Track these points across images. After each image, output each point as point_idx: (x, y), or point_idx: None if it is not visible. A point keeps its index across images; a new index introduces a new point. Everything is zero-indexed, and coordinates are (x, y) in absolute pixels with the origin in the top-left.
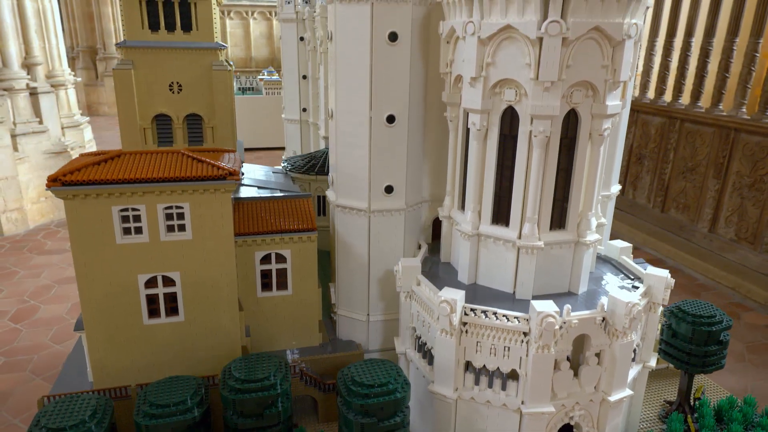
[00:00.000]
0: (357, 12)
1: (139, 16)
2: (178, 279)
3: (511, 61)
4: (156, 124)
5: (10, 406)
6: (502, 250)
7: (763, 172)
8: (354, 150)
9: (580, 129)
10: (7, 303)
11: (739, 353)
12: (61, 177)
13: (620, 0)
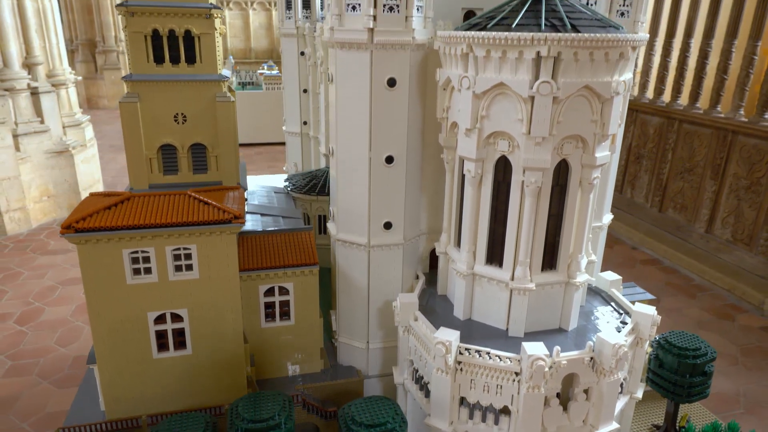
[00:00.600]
0: (357, 58)
1: (144, 51)
2: (186, 315)
3: (504, 115)
4: (161, 154)
5: (18, 410)
6: (496, 289)
7: (760, 174)
8: (354, 187)
9: (570, 177)
10: (12, 305)
11: (732, 356)
12: (74, 224)
13: (609, 60)
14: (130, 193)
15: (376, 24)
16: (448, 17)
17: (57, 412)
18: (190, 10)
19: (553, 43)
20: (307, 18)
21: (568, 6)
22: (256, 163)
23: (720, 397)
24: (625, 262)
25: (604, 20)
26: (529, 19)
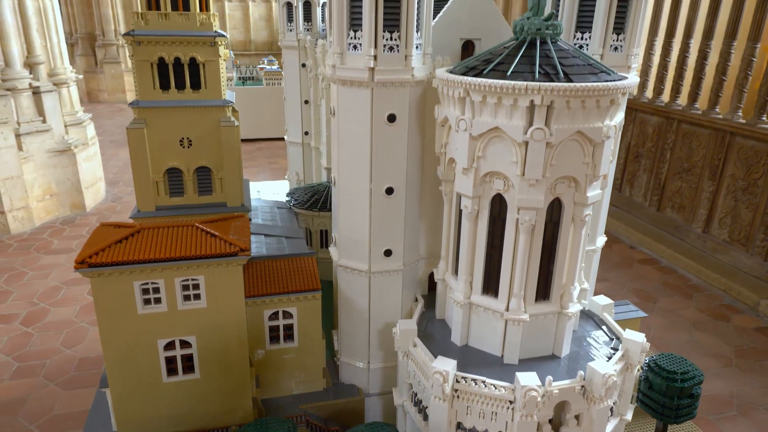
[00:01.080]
0: (358, 95)
1: (150, 78)
2: (194, 342)
3: (499, 156)
4: (168, 177)
5: (25, 412)
6: (491, 318)
7: (757, 176)
8: (355, 216)
9: (563, 214)
10: (18, 306)
11: (726, 357)
12: (87, 259)
13: (600, 107)
14: (139, 225)
15: (376, 63)
16: (447, 48)
17: (64, 414)
18: (195, 38)
19: (546, 92)
20: (308, 30)
21: (562, 51)
22: (256, 159)
23: (713, 399)
24: (623, 261)
25: (596, 65)
26: (524, 66)
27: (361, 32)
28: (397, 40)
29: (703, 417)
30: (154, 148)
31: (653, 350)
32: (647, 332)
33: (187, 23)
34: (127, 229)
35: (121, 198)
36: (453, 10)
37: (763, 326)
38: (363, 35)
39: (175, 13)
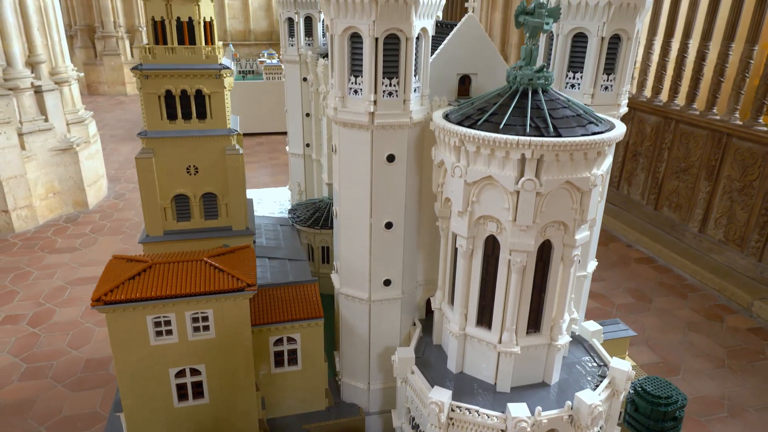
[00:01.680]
0: (358, 136)
1: (158, 109)
2: (204, 370)
3: (492, 202)
4: (175, 203)
5: (35, 414)
6: (485, 349)
7: (753, 177)
8: (356, 248)
9: (553, 254)
10: (24, 306)
11: (719, 358)
12: (103, 297)
13: (587, 159)
14: (151, 260)
15: (376, 108)
16: (444, 83)
17: (72, 415)
18: (201, 71)
19: (536, 147)
20: (309, 45)
21: (552, 101)
22: (257, 154)
23: (705, 401)
24: (620, 260)
25: (584, 116)
26: (516, 118)
27: (361, 78)
28: (395, 85)
29: (693, 418)
30: (162, 175)
31: (651, 350)
32: (642, 333)
33: (193, 57)
34: (139, 264)
35: (123, 195)
36: (450, 48)
37: (755, 327)
38: (363, 81)
39: (181, 47)
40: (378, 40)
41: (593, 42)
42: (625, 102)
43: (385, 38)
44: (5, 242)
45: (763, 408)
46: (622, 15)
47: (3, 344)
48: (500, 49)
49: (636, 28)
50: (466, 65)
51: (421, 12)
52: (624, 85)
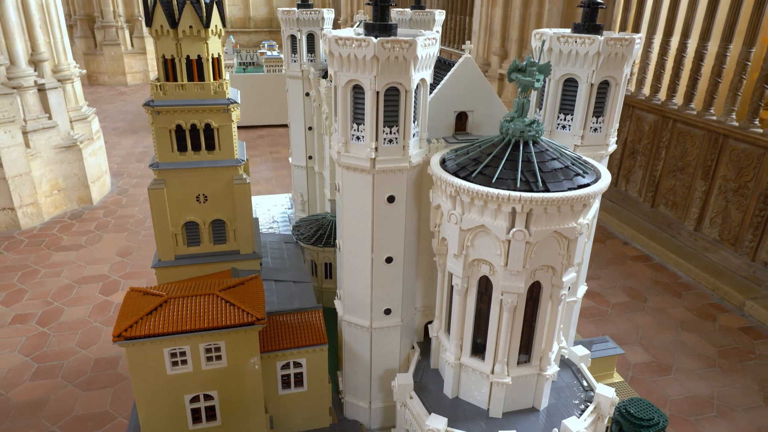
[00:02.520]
0: (361, 179)
1: (169, 143)
2: (216, 395)
3: (486, 247)
4: (186, 229)
5: (48, 413)
6: (479, 377)
7: (748, 178)
8: (358, 280)
9: (542, 294)
10: (33, 305)
11: (710, 358)
12: (123, 333)
13: (573, 210)
14: (166, 293)
15: (377, 154)
16: (442, 120)
17: (84, 415)
18: (210, 107)
19: (526, 202)
20: (312, 61)
21: (541, 153)
22: (258, 148)
23: (694, 400)
24: (617, 258)
25: (572, 167)
26: (508, 171)
27: (363, 126)
28: (396, 133)
29: (683, 418)
30: (173, 204)
31: (644, 350)
32: (636, 332)
33: (202, 92)
34: (155, 298)
35: (127, 190)
36: (447, 88)
37: (747, 326)
38: (365, 129)
39: (191, 84)
40: (379, 93)
41: (583, 88)
42: (614, 140)
43: (385, 91)
44: (12, 239)
45: (751, 408)
46: (610, 64)
47: (14, 344)
48: (500, 45)
49: (624, 74)
50: (462, 103)
51: (420, 66)
52: (612, 126)
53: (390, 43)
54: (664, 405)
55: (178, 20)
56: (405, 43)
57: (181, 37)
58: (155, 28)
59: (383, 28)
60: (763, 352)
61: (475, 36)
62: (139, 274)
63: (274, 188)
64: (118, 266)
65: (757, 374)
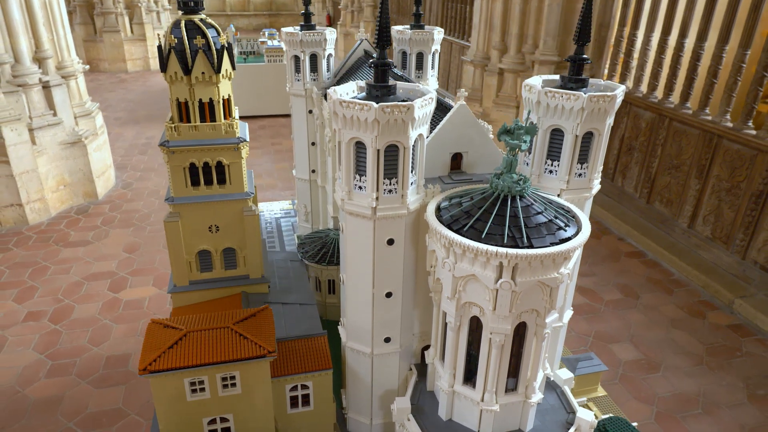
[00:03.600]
0: (363, 224)
1: (183, 179)
2: (231, 418)
3: (476, 293)
4: (199, 257)
5: (63, 410)
6: (470, 403)
7: (740, 178)
8: (360, 312)
9: (527, 332)
10: (45, 302)
11: (698, 355)
12: (149, 367)
13: (555, 263)
14: (184, 327)
15: (378, 203)
16: (438, 160)
17: (98, 412)
18: (221, 146)
19: (511, 258)
20: (315, 80)
21: (527, 207)
22: (260, 139)
23: (681, 398)
24: (611, 254)
25: (555, 221)
26: (497, 227)
27: (365, 177)
28: (395, 184)
29: (670, 415)
30: (187, 235)
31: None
32: (628, 330)
33: (214, 132)
34: (175, 332)
35: (131, 184)
36: (443, 131)
37: (735, 323)
38: (366, 181)
39: (203, 125)
40: (380, 150)
41: (569, 138)
42: (597, 182)
43: (385, 148)
44: (21, 235)
45: (736, 405)
46: (594, 117)
47: (28, 341)
48: (500, 40)
49: (607, 125)
50: (457, 145)
51: (417, 124)
52: (596, 171)
53: (390, 108)
54: (652, 402)
55: (191, 67)
56: (403, 107)
57: (194, 82)
58: (170, 74)
59: (384, 89)
60: (749, 349)
61: (476, 29)
62: (145, 271)
63: (276, 182)
64: (126, 263)
65: (742, 372)
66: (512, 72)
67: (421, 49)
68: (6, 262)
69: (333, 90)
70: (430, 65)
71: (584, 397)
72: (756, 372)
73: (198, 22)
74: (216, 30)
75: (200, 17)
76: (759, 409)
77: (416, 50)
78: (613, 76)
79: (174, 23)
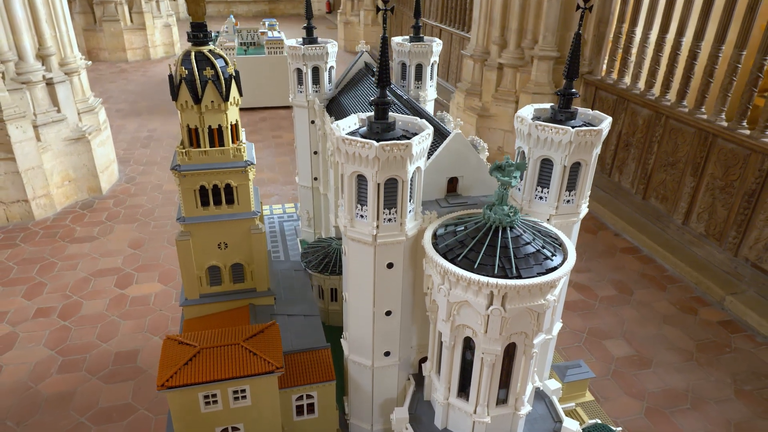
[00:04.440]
0: (364, 249)
1: (194, 200)
2: (242, 427)
3: (469, 317)
4: (208, 272)
5: (75, 405)
6: (463, 415)
7: (734, 177)
8: (362, 329)
9: (516, 351)
10: (53, 298)
11: (688, 351)
12: (166, 383)
13: (542, 291)
14: (198, 344)
15: (378, 231)
16: (435, 184)
17: (109, 407)
18: (230, 169)
19: (501, 288)
20: (317, 92)
21: (517, 239)
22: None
23: (671, 393)
24: (607, 250)
25: (542, 251)
26: (488, 257)
27: (366, 207)
28: (394, 213)
29: (659, 410)
30: (198, 251)
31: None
32: (621, 326)
33: (222, 156)
34: (190, 348)
35: (134, 178)
36: (440, 158)
37: (726, 319)
38: (368, 210)
39: (213, 150)
40: (380, 184)
41: (557, 168)
42: (585, 206)
43: (385, 181)
44: (27, 230)
45: (723, 400)
46: (581, 149)
47: (39, 337)
48: (500, 35)
49: (593, 155)
50: (453, 170)
51: (414, 159)
52: (583, 197)
53: (389, 146)
54: (642, 398)
55: (201, 97)
56: (402, 145)
57: (204, 111)
58: (180, 103)
59: (384, 126)
60: (738, 345)
61: (475, 24)
62: (151, 267)
63: (278, 176)
64: (131, 259)
65: (730, 368)
66: (511, 67)
67: (420, 61)
68: (14, 258)
69: (336, 125)
70: (428, 76)
71: (573, 402)
72: (744, 368)
73: (207, 53)
74: (224, 60)
75: (209, 48)
76: (745, 405)
77: (415, 62)
78: (611, 72)
79: (184, 54)
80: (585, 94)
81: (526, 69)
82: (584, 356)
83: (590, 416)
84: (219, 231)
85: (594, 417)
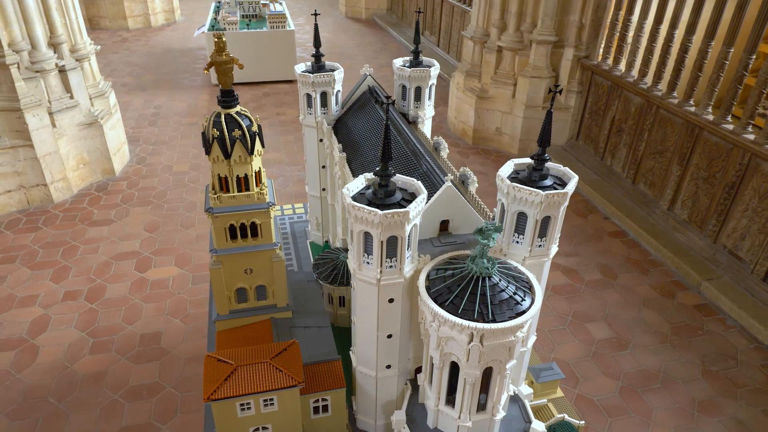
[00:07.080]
0: (369, 288)
1: (224, 235)
2: (271, 427)
3: (454, 348)
4: (236, 292)
5: (108, 383)
6: (450, 419)
7: (717, 169)
8: (367, 347)
9: (493, 372)
10: (79, 282)
11: (664, 334)
12: (211, 396)
13: (513, 330)
14: (234, 362)
15: (381, 275)
16: (429, 226)
17: (139, 385)
18: (255, 210)
19: (479, 330)
20: (324, 114)
21: (494, 286)
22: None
23: (644, 374)
24: (595, 234)
25: (514, 296)
26: (470, 303)
27: (371, 256)
28: (394, 262)
29: (632, 389)
30: (227, 276)
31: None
32: (604, 309)
33: (248, 200)
34: (227, 366)
35: (145, 159)
36: (433, 208)
37: (701, 303)
38: (373, 259)
39: (240, 194)
40: (383, 241)
41: (531, 221)
42: (555, 248)
43: (387, 238)
44: (48, 213)
45: (690, 380)
46: (551, 206)
47: (69, 320)
48: (500, 17)
49: (561, 211)
50: (445, 214)
51: (411, 221)
52: (552, 242)
53: (391, 214)
54: (618, 378)
55: (230, 153)
56: (401, 213)
57: (233, 164)
58: (212, 157)
59: (387, 192)
60: (710, 328)
61: (475, 5)
62: (166, 251)
63: (282, 157)
64: (148, 242)
65: (700, 350)
66: (510, 50)
67: (419, 84)
68: (38, 242)
69: (346, 189)
70: (427, 97)
71: (545, 399)
72: (713, 350)
73: (235, 115)
74: (249, 119)
75: (236, 110)
76: (710, 384)
77: (415, 85)
78: (607, 58)
79: (215, 116)
80: (581, 78)
81: (525, 52)
82: (567, 339)
83: (559, 411)
84: (245, 260)
85: (562, 411)
